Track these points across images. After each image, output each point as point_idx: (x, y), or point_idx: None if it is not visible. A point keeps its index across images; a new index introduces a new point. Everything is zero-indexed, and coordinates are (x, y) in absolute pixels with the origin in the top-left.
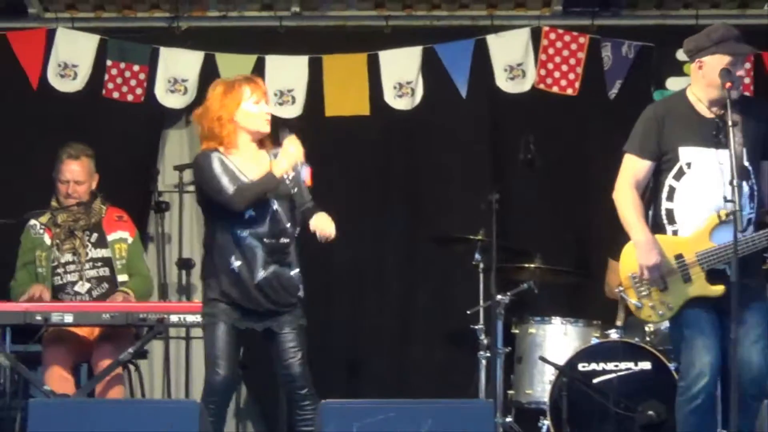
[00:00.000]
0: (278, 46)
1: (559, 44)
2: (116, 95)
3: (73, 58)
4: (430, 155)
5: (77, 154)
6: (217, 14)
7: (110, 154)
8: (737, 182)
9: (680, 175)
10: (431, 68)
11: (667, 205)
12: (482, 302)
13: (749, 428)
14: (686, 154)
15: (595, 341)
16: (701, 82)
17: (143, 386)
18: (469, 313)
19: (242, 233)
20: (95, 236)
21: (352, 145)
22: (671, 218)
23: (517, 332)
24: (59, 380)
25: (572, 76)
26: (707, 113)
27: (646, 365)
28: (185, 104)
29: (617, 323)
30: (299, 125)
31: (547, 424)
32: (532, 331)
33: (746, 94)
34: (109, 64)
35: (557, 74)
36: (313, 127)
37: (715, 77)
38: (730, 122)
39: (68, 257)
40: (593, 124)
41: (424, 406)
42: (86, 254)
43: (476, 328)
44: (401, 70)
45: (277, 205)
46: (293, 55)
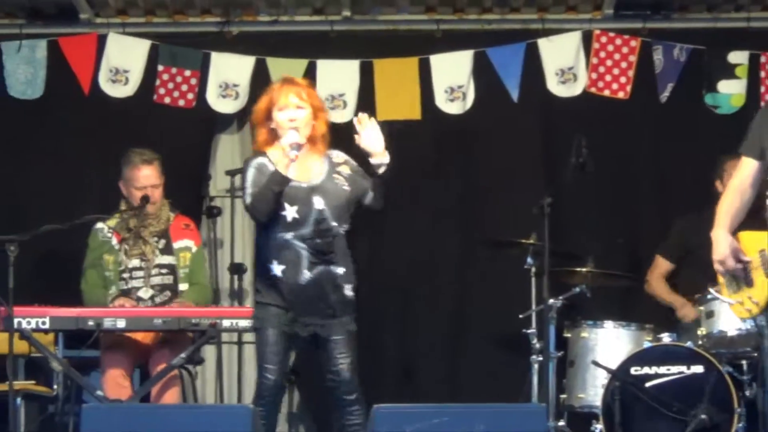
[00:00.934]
0: (329, 50)
1: (610, 48)
2: (167, 100)
3: (124, 63)
4: (481, 159)
5: (150, 158)
6: (267, 19)
7: (162, 159)
8: None
9: None
10: (482, 72)
11: None
12: (535, 306)
13: None
14: None
15: (647, 345)
16: None
17: (196, 391)
18: (521, 317)
19: (287, 236)
20: (162, 242)
21: (403, 149)
22: None
23: (569, 336)
24: (116, 385)
25: (623, 79)
26: None
27: (698, 369)
28: (236, 109)
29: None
30: (396, 129)
31: (599, 428)
32: (584, 335)
33: None
34: (160, 69)
35: (608, 78)
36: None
37: None
38: None
39: (136, 262)
40: (644, 127)
41: (476, 410)
42: (154, 260)
43: (529, 332)
44: (452, 74)
45: (323, 204)
46: (344, 59)
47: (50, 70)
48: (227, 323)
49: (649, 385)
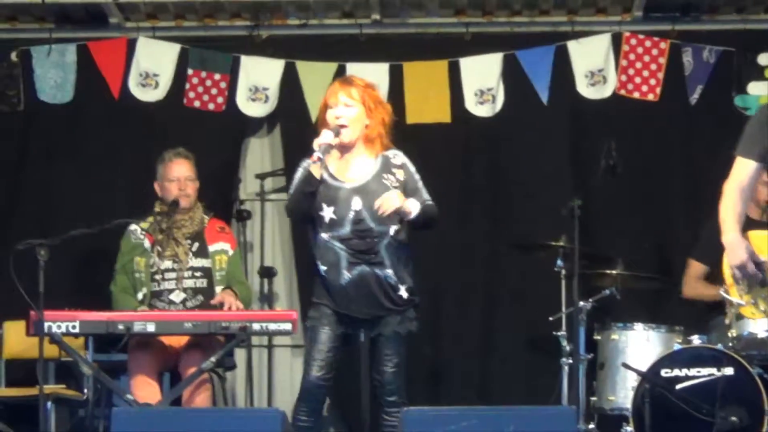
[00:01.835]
0: (358, 53)
1: (639, 50)
2: (197, 104)
3: (154, 67)
4: (511, 162)
5: (185, 154)
6: (297, 22)
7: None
8: None
9: None
10: (512, 75)
11: None
12: (564, 309)
13: None
14: None
15: (677, 347)
16: None
17: (226, 394)
18: (551, 319)
19: (325, 236)
20: (197, 245)
21: (433, 152)
22: None
23: (599, 338)
24: (144, 388)
25: (653, 81)
26: None
27: (728, 371)
28: (266, 112)
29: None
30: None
31: (629, 430)
32: (614, 337)
33: None
34: (190, 72)
35: (638, 80)
36: (394, 134)
37: None
38: None
39: (168, 264)
40: (674, 129)
41: (506, 412)
42: (187, 262)
43: (558, 334)
44: (482, 76)
45: (361, 205)
46: (374, 62)
47: (80, 74)
48: (257, 327)
49: (679, 387)
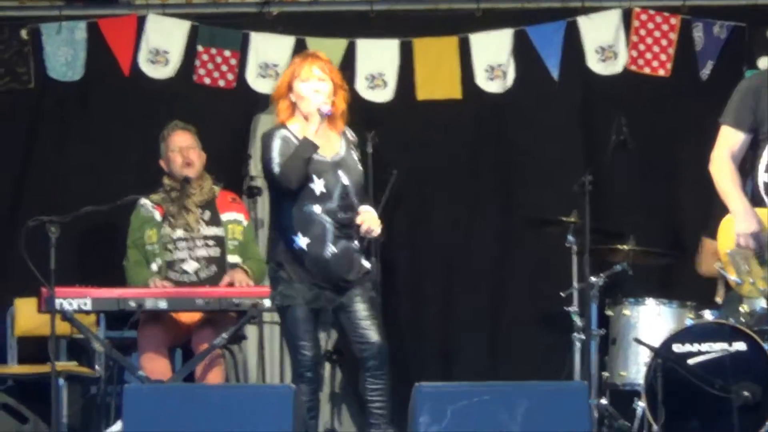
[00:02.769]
0: (369, 30)
1: (650, 25)
2: (207, 81)
3: (164, 44)
4: (522, 138)
5: (183, 125)
6: None
7: (202, 139)
8: None
9: None
10: (523, 51)
11: (764, 177)
12: (576, 284)
13: None
14: None
15: (689, 322)
16: None
17: (238, 371)
18: (563, 295)
19: (315, 209)
20: (208, 214)
21: (444, 128)
22: None
23: (611, 314)
24: (155, 364)
25: (664, 57)
26: None
27: (741, 346)
28: None
29: (717, 299)
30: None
31: (642, 405)
32: (626, 312)
33: None
34: (200, 49)
35: (649, 55)
36: (405, 111)
37: None
38: None
39: (180, 233)
40: (685, 105)
41: (518, 388)
42: (199, 230)
43: (570, 310)
44: (493, 52)
45: (348, 180)
46: (384, 38)
47: (90, 51)
48: (269, 303)
49: (691, 362)
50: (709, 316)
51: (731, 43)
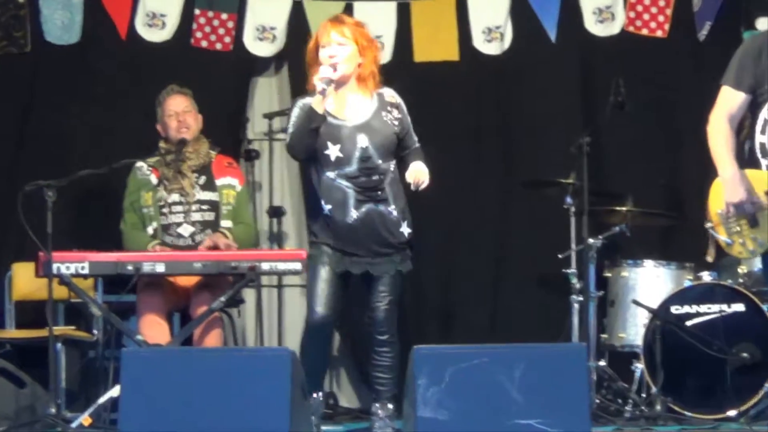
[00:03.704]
0: None
1: None
2: (205, 44)
3: (161, 7)
4: (520, 100)
5: (178, 89)
6: None
7: (199, 103)
8: None
9: None
10: (520, 12)
11: (761, 138)
12: (574, 246)
13: None
14: None
15: (687, 284)
16: None
17: (236, 335)
18: (561, 257)
19: (331, 174)
20: (203, 178)
21: (441, 90)
22: (765, 152)
23: (609, 276)
24: (153, 327)
25: (662, 18)
26: None
27: (739, 307)
28: (274, 52)
29: (707, 258)
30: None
31: (640, 367)
32: (624, 274)
33: None
34: (197, 12)
35: (647, 16)
36: (402, 73)
37: None
38: None
39: (175, 197)
40: (683, 66)
41: (517, 350)
42: (194, 195)
43: (568, 272)
44: (490, 14)
45: (367, 142)
46: (381, 1)
47: (87, 15)
48: (266, 266)
49: (689, 323)
50: (707, 277)
51: (729, 3)
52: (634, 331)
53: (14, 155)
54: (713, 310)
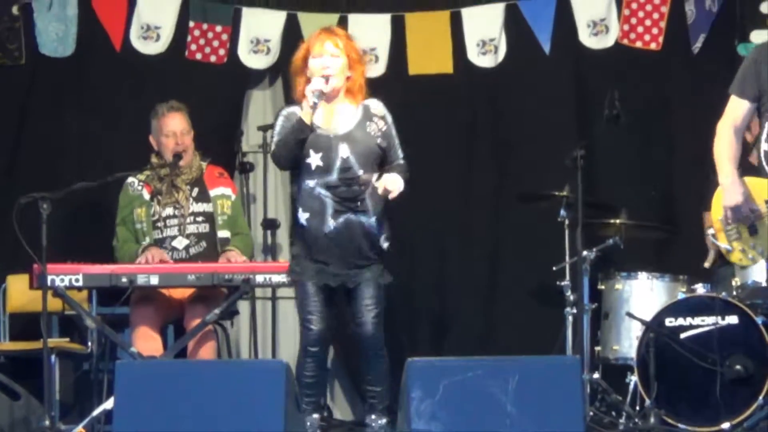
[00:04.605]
0: (361, 4)
1: None
2: (199, 56)
3: (155, 20)
4: (514, 112)
5: (177, 107)
6: None
7: (194, 115)
8: None
9: None
10: (514, 25)
11: (765, 147)
12: (568, 258)
13: None
14: None
15: (681, 296)
16: None
17: (230, 347)
18: (555, 269)
19: (311, 183)
20: (196, 190)
21: (436, 103)
22: None
23: (603, 288)
24: (147, 340)
25: (656, 30)
26: None
27: (733, 320)
28: (268, 64)
29: (705, 264)
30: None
31: (634, 379)
32: (618, 286)
33: None
34: (191, 25)
35: (640, 29)
36: (396, 85)
37: None
38: None
39: (169, 211)
40: (677, 78)
41: (510, 363)
42: (188, 207)
43: (562, 284)
44: (484, 27)
45: (348, 152)
46: (376, 13)
47: (81, 27)
48: (261, 278)
49: (683, 336)
50: (701, 289)
51: (723, 16)
52: (628, 343)
53: (8, 167)
54: (707, 322)
